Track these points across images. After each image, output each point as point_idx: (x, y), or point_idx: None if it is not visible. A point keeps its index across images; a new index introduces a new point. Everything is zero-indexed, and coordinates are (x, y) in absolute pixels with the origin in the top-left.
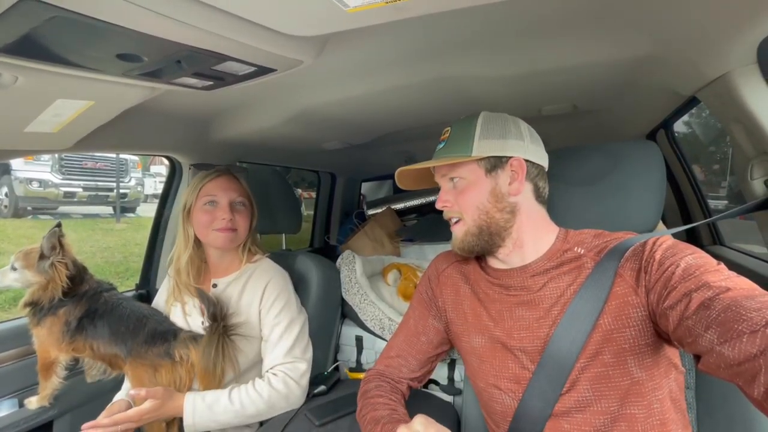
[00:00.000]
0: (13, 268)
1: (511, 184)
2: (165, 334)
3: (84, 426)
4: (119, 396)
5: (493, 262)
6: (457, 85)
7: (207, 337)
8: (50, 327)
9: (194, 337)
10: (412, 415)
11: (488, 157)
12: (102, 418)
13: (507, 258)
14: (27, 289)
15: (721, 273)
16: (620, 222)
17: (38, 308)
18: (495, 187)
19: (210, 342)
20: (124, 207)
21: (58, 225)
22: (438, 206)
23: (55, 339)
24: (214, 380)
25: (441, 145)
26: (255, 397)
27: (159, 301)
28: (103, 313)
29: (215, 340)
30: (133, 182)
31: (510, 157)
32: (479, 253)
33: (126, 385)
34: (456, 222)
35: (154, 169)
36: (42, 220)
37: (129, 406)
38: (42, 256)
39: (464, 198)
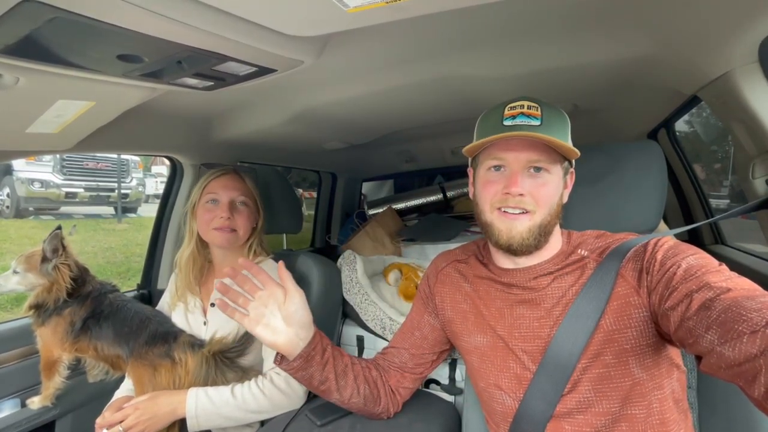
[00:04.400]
0: (15, 272)
1: (564, 190)
2: (166, 335)
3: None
4: (119, 393)
5: (502, 261)
6: (457, 84)
7: (199, 357)
8: (55, 327)
9: (192, 345)
10: (413, 416)
11: (568, 161)
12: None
13: (527, 259)
14: (29, 292)
15: (722, 273)
16: (622, 222)
17: (43, 309)
18: (562, 191)
19: (201, 363)
20: (126, 207)
21: (59, 228)
22: (513, 190)
23: (58, 339)
24: None
25: (534, 121)
26: (257, 394)
27: (164, 300)
28: (109, 314)
29: (207, 362)
30: (134, 182)
31: (572, 166)
32: (525, 252)
33: (126, 382)
34: (523, 213)
35: (155, 169)
36: (44, 220)
37: (128, 400)
38: (44, 259)
39: (546, 192)
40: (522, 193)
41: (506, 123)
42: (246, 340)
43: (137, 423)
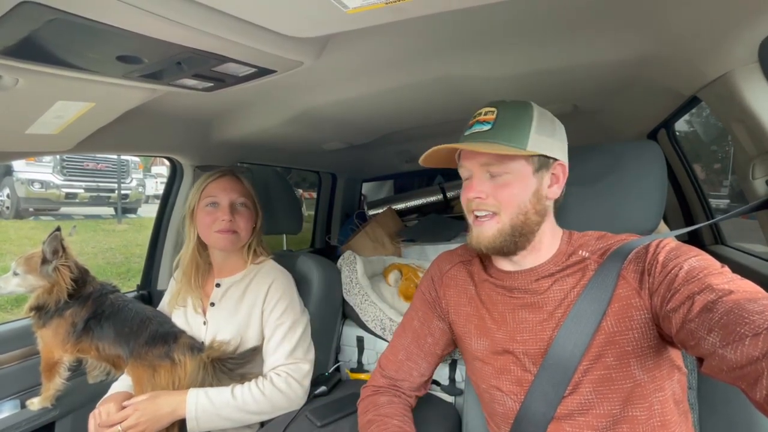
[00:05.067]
0: (15, 274)
1: (550, 187)
2: (166, 336)
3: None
4: (116, 386)
5: (502, 264)
6: (456, 85)
7: (197, 361)
8: (56, 328)
9: (192, 347)
10: (413, 417)
11: (539, 155)
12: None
13: (520, 260)
14: (30, 293)
15: (724, 275)
16: (622, 222)
17: (44, 311)
18: (539, 188)
19: (198, 368)
20: (126, 208)
21: (58, 229)
22: (470, 196)
23: (60, 340)
24: None
25: (485, 127)
26: (257, 395)
27: (164, 302)
28: (110, 314)
29: (205, 368)
30: (134, 183)
31: (556, 159)
32: (501, 254)
33: (125, 377)
34: (487, 217)
35: (155, 169)
36: (44, 221)
37: (128, 396)
38: (44, 260)
39: (507, 193)
40: (480, 196)
41: (465, 133)
42: (248, 355)
43: (137, 424)
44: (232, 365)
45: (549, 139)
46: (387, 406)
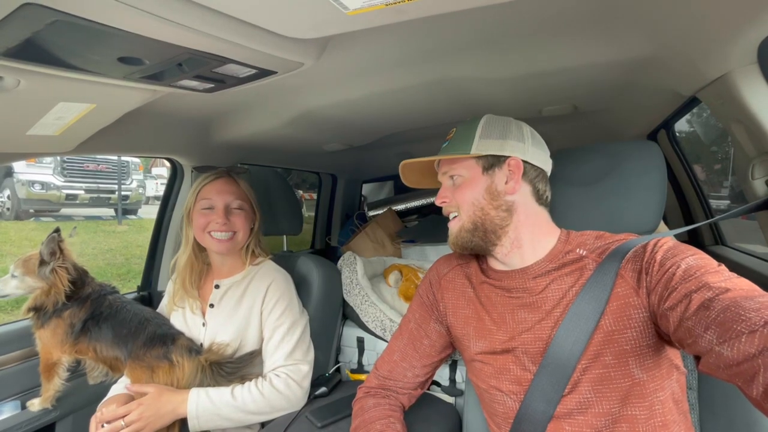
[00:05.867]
0: (13, 276)
1: (507, 183)
2: (164, 337)
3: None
4: (116, 389)
5: (494, 264)
6: (457, 86)
7: (195, 363)
8: (54, 329)
9: (190, 349)
10: (414, 417)
11: (486, 156)
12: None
13: (506, 259)
14: (29, 295)
15: (721, 274)
16: (621, 222)
17: (42, 312)
18: (491, 185)
19: (196, 371)
20: (126, 209)
21: (56, 230)
22: (437, 202)
23: (58, 341)
24: None
25: (445, 144)
26: (257, 396)
27: (163, 304)
28: (108, 315)
29: (203, 371)
30: (134, 184)
31: (508, 157)
32: (474, 251)
33: (125, 379)
34: (453, 218)
35: (155, 171)
36: (44, 222)
37: (128, 399)
38: (42, 262)
39: (461, 193)
40: (444, 200)
41: None
42: (246, 358)
43: (140, 418)
44: (230, 368)
45: (498, 140)
46: (372, 410)
